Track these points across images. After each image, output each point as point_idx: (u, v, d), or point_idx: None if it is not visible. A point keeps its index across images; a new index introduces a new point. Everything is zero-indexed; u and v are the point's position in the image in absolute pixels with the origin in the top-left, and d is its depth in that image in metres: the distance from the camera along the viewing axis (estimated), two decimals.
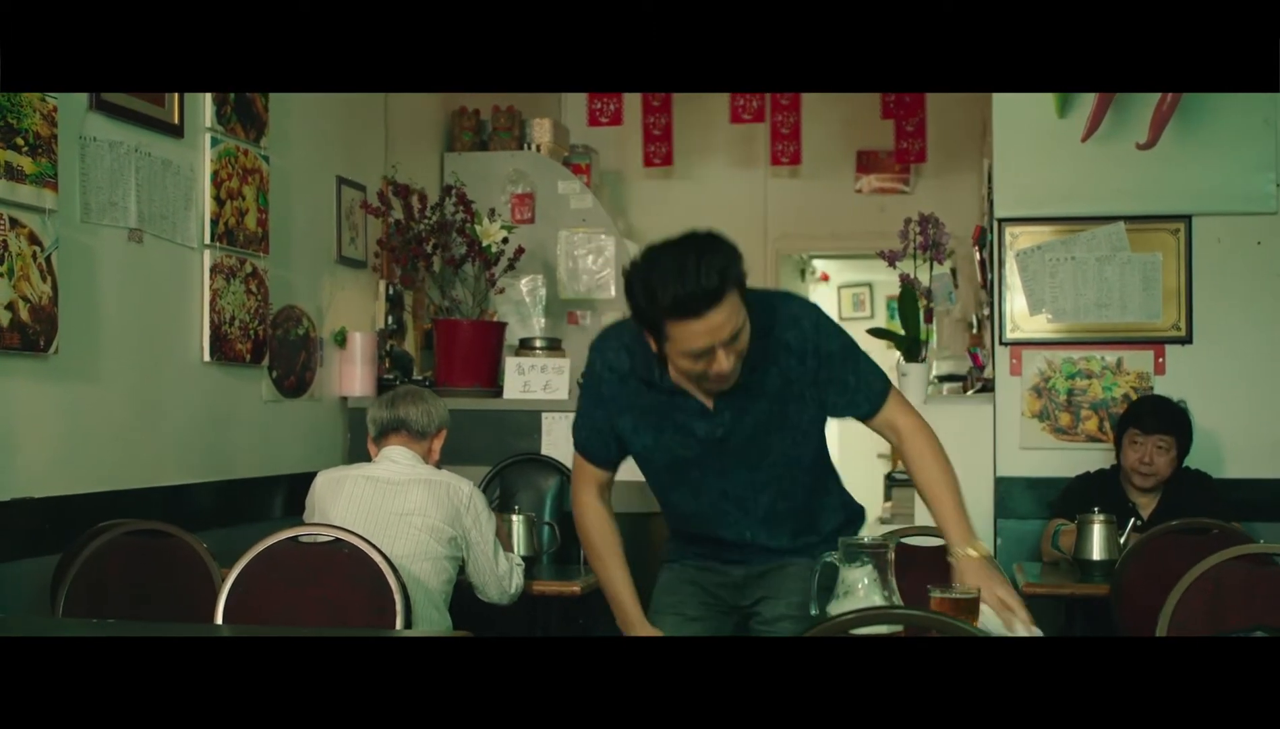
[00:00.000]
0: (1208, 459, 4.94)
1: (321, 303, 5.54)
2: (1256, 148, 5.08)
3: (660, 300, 2.75)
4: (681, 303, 2.73)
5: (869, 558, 2.81)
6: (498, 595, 4.11)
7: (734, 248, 2.84)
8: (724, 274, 2.75)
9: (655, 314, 2.79)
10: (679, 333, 2.79)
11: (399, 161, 6.06)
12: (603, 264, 6.75)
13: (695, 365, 2.85)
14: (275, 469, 5.20)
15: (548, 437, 5.45)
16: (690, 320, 2.75)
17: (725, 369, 2.85)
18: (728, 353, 2.82)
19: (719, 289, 2.74)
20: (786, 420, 3.05)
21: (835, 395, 3.06)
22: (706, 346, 2.79)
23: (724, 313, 2.76)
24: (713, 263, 2.75)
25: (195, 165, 4.62)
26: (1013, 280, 5.24)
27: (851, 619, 2.26)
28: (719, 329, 2.77)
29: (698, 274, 2.72)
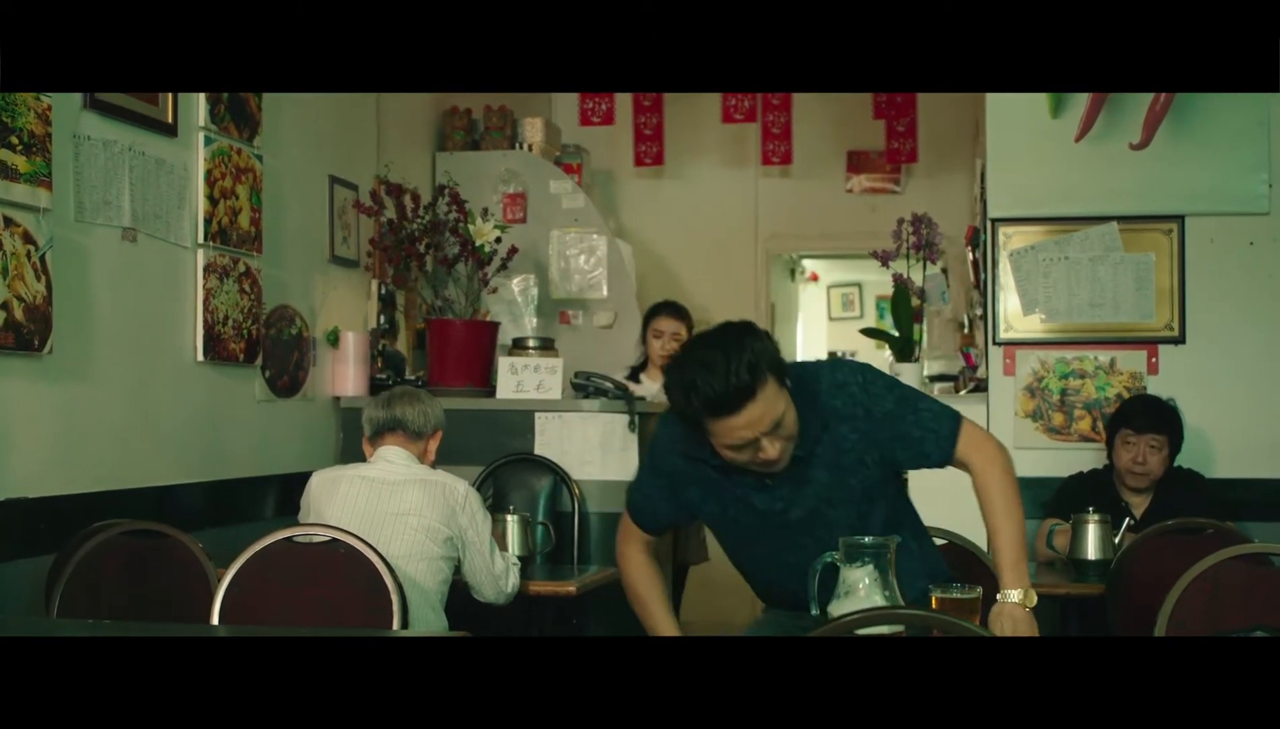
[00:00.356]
0: (1200, 459, 4.95)
1: (314, 302, 5.53)
2: (1249, 149, 5.09)
3: (694, 402, 2.80)
4: (714, 404, 2.78)
5: (870, 558, 2.81)
6: (494, 595, 4.10)
7: (767, 339, 2.87)
8: (754, 370, 2.77)
9: (693, 414, 2.83)
10: (719, 429, 2.82)
11: (390, 161, 6.05)
12: (595, 264, 6.74)
13: (741, 456, 2.87)
14: (268, 469, 5.19)
15: (541, 437, 5.43)
16: (727, 418, 2.79)
17: (772, 456, 2.87)
18: (773, 441, 2.85)
19: (750, 386, 2.76)
20: (848, 490, 3.01)
21: (902, 451, 3.03)
22: (748, 440, 2.83)
23: (760, 406, 2.79)
24: (742, 359, 2.77)
25: (189, 164, 4.61)
26: (1006, 280, 5.25)
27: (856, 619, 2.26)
28: (758, 422, 2.80)
29: (727, 374, 2.75)
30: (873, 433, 2.99)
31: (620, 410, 5.42)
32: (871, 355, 11.62)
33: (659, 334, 6.37)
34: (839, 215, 8.41)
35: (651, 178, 8.35)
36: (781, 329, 9.22)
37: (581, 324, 6.74)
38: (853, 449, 2.98)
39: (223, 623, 3.44)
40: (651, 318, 6.45)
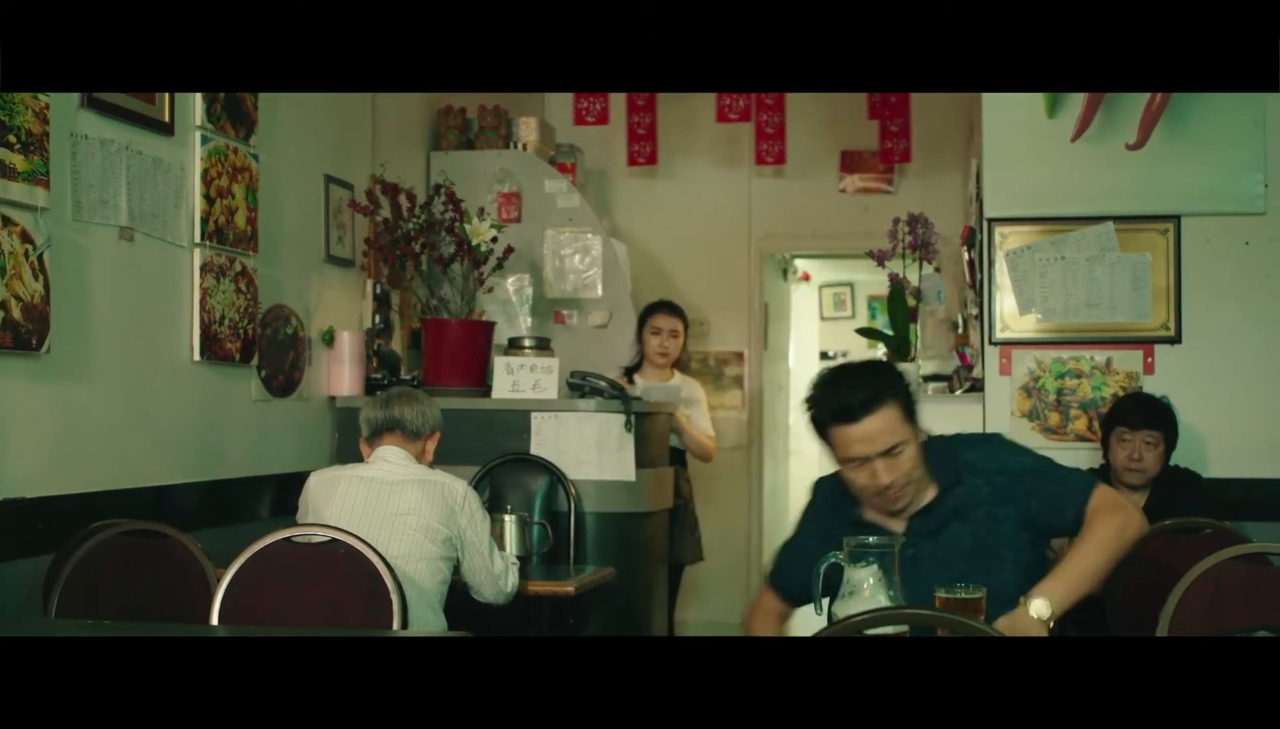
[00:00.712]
0: (1196, 458, 4.96)
1: (309, 302, 5.52)
2: (1245, 149, 5.09)
3: (821, 407, 3.04)
4: (836, 411, 3.00)
5: (874, 558, 2.81)
6: (493, 595, 4.10)
7: (896, 372, 3.15)
8: (877, 389, 2.99)
9: (819, 422, 3.06)
10: (838, 439, 3.02)
11: (385, 160, 6.04)
12: (589, 263, 6.73)
13: (858, 477, 3.03)
14: (263, 469, 5.18)
15: (537, 436, 5.43)
16: (845, 426, 2.98)
17: (883, 482, 2.99)
18: (887, 466, 2.99)
19: (871, 400, 2.97)
20: (977, 543, 3.06)
21: (1038, 504, 3.07)
22: (862, 455, 3.00)
23: (878, 423, 2.97)
24: (869, 379, 3.04)
25: (185, 163, 4.60)
26: (1002, 280, 5.24)
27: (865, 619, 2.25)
28: (873, 439, 2.98)
29: (854, 386, 3.01)
30: (1007, 487, 3.08)
31: (617, 410, 5.42)
32: (863, 354, 11.64)
33: (656, 331, 6.42)
34: (832, 215, 8.41)
35: (645, 177, 8.35)
36: (774, 329, 9.21)
37: (576, 324, 6.73)
38: (985, 501, 3.07)
39: (222, 623, 3.44)
40: (648, 316, 6.48)
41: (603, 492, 5.39)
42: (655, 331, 6.43)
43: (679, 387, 6.29)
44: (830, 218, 8.41)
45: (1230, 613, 3.12)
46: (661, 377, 6.42)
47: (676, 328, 6.46)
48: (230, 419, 4.96)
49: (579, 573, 4.81)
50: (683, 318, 6.54)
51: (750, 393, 8.52)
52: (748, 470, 8.51)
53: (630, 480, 5.42)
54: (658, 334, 6.42)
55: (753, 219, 8.48)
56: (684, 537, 6.33)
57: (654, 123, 8.10)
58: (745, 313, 8.51)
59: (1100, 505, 3.04)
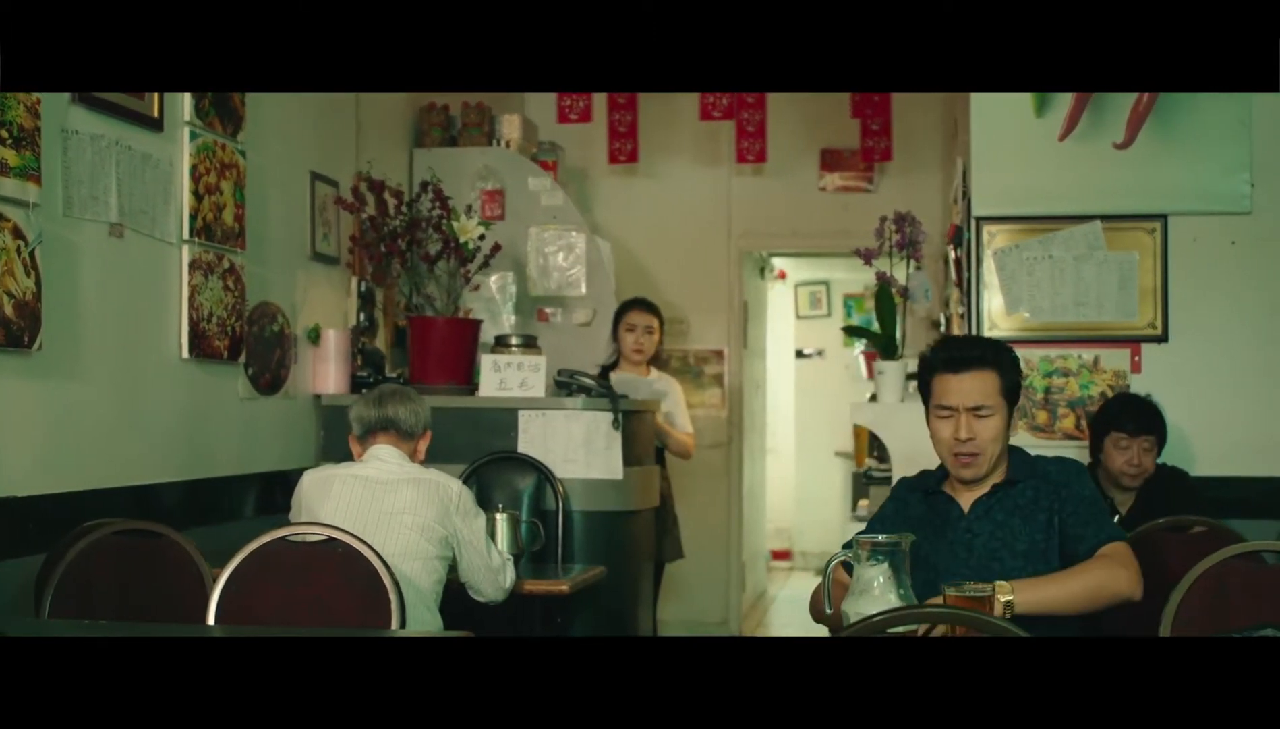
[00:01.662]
0: (1182, 457, 4.97)
1: (295, 299, 5.49)
2: (1232, 148, 5.11)
3: (938, 354, 3.35)
4: (948, 360, 3.29)
5: (884, 556, 2.81)
6: (493, 592, 4.08)
7: (1012, 353, 3.37)
8: (986, 353, 3.30)
9: (929, 367, 3.34)
10: (938, 387, 3.30)
11: (368, 157, 6.01)
12: (573, 261, 6.71)
13: (943, 428, 3.28)
14: (250, 468, 5.15)
15: (524, 435, 5.41)
16: (947, 375, 3.27)
17: (961, 435, 3.24)
18: (971, 422, 3.24)
19: (978, 358, 3.27)
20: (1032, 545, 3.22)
21: (1071, 525, 3.22)
22: (953, 405, 3.25)
23: (975, 382, 3.25)
24: (983, 344, 3.41)
25: (174, 159, 4.57)
26: (990, 279, 5.25)
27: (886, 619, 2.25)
28: (969, 393, 3.24)
29: (971, 344, 3.43)
30: (1060, 501, 3.26)
31: (604, 408, 5.41)
32: (839, 353, 11.68)
33: (631, 328, 6.42)
34: (812, 213, 8.42)
35: (625, 176, 8.34)
36: (752, 327, 9.22)
37: (560, 322, 6.71)
38: (1046, 509, 3.25)
39: (219, 623, 3.41)
40: (623, 314, 6.51)
41: (590, 490, 5.38)
42: (630, 329, 6.43)
43: (652, 381, 6.27)
44: (810, 216, 8.41)
45: (1233, 612, 3.14)
46: (638, 373, 6.40)
47: (652, 324, 6.46)
48: (218, 417, 4.93)
49: (568, 571, 4.80)
50: (658, 314, 6.53)
51: (730, 391, 8.52)
52: (727, 469, 8.51)
53: (618, 479, 5.42)
54: (633, 331, 6.42)
55: (732, 217, 8.48)
56: (665, 535, 6.32)
57: (635, 121, 8.08)
58: (725, 311, 8.51)
59: (1111, 553, 3.16)
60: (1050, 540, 3.20)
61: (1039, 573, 3.12)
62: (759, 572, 10.04)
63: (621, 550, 5.45)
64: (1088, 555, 3.15)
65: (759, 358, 9.81)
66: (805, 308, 11.85)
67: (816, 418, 11.62)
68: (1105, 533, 3.19)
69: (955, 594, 2.77)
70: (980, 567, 3.13)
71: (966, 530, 3.24)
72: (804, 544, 11.81)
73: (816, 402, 11.64)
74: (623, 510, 5.48)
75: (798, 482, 11.73)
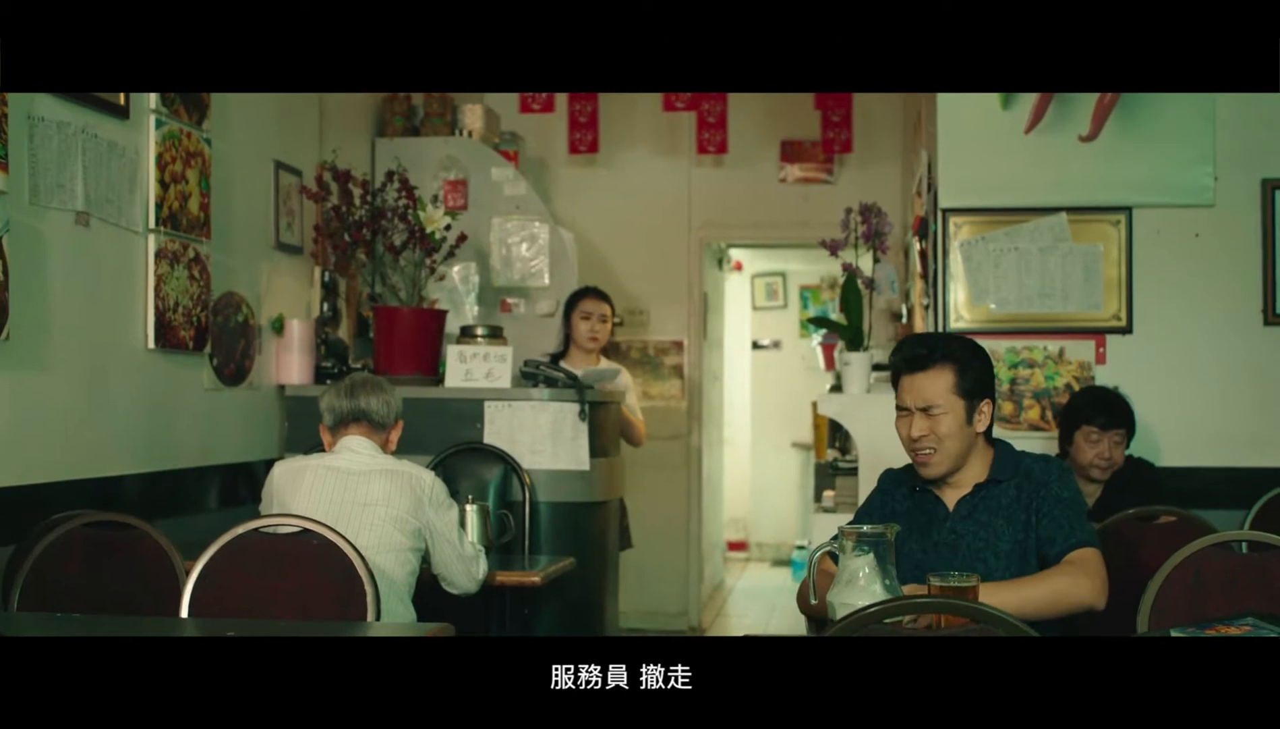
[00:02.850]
0: (1146, 447, 5.01)
1: (260, 289, 5.44)
2: (1195, 141, 5.16)
3: (896, 354, 3.38)
4: (902, 359, 3.32)
5: (869, 547, 2.81)
6: (466, 582, 4.06)
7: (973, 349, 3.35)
8: (936, 351, 3.28)
9: (893, 368, 3.36)
10: (900, 387, 3.32)
11: (333, 147, 5.97)
12: (536, 252, 6.69)
13: (900, 426, 3.31)
14: (213, 459, 5.11)
15: (490, 426, 5.39)
16: (905, 375, 3.29)
17: (913, 434, 3.26)
18: (921, 421, 3.25)
19: (926, 358, 3.26)
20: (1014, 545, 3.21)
21: (1044, 527, 3.21)
22: (906, 405, 3.28)
23: (927, 380, 3.25)
24: (937, 343, 3.35)
25: (140, 147, 4.52)
26: (956, 270, 5.28)
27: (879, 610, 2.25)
28: (917, 393, 3.25)
29: (919, 343, 3.39)
30: (1039, 502, 3.24)
31: (571, 399, 5.39)
32: (795, 344, 11.71)
33: (586, 317, 6.28)
34: (772, 204, 8.41)
35: (585, 166, 8.31)
36: (711, 319, 9.22)
37: (523, 312, 6.69)
38: (1024, 508, 3.24)
39: (193, 616, 3.38)
40: (577, 301, 6.36)
41: (556, 481, 5.37)
42: (585, 317, 6.29)
43: (617, 370, 6.24)
44: (770, 207, 8.41)
45: (1210, 601, 3.16)
46: (590, 362, 6.26)
47: (605, 313, 6.34)
48: (182, 408, 4.88)
49: (535, 563, 4.78)
50: (610, 303, 6.42)
51: (689, 382, 8.52)
52: (686, 460, 8.51)
53: (585, 469, 5.41)
54: (587, 319, 6.28)
55: (692, 208, 8.47)
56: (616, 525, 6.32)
57: (595, 111, 8.07)
58: (685, 302, 8.50)
59: (1079, 560, 3.14)
60: (1030, 540, 3.20)
61: (1021, 573, 3.13)
62: (716, 562, 10.05)
63: (588, 541, 5.44)
64: (1056, 559, 3.14)
65: (716, 349, 9.82)
66: (762, 299, 11.86)
67: (772, 409, 11.64)
68: (1075, 537, 3.16)
69: (940, 584, 2.78)
70: (965, 566, 3.12)
71: (951, 530, 3.24)
72: (760, 535, 11.83)
73: (773, 393, 11.66)
74: (589, 501, 5.47)
75: (753, 473, 11.74)
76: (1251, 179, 5.17)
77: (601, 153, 8.20)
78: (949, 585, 2.78)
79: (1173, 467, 5.04)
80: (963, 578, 2.81)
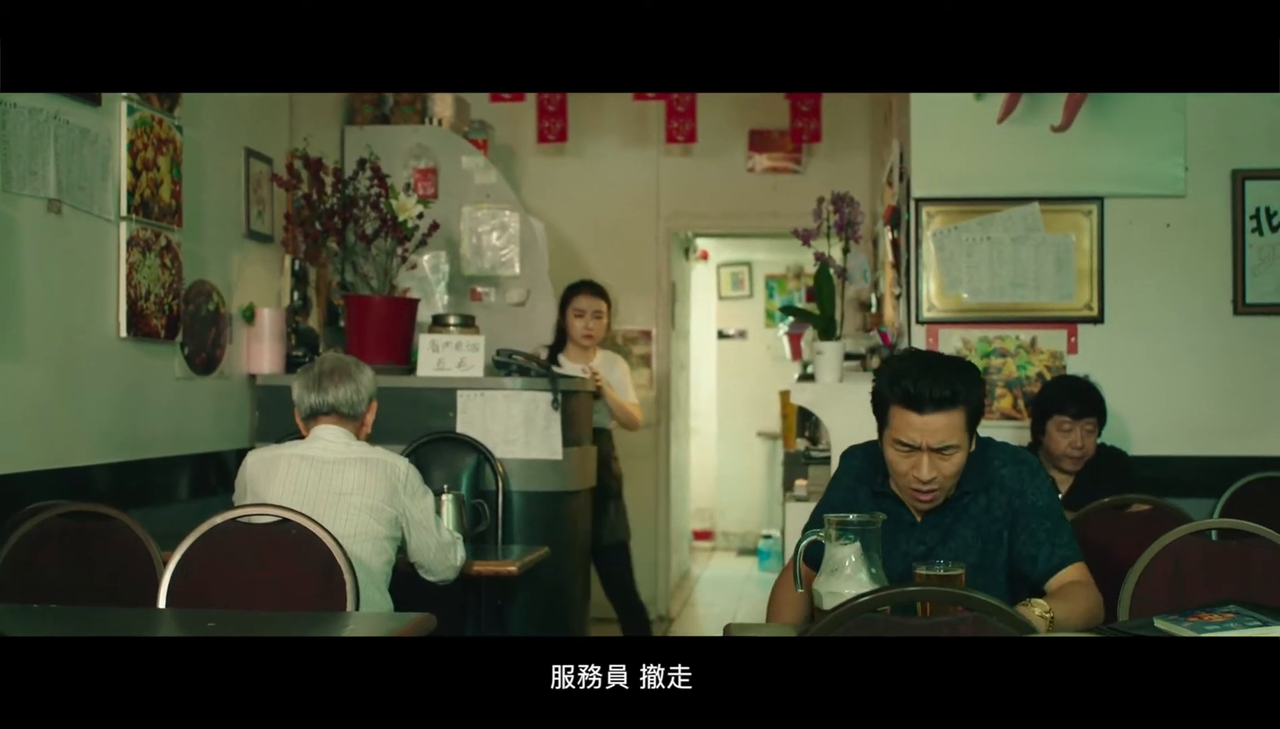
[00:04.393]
0: (1118, 436, 5.04)
1: (231, 278, 5.41)
2: (1166, 132, 5.19)
3: (898, 385, 3.01)
4: (912, 397, 2.99)
5: (855, 535, 2.82)
6: (444, 570, 4.04)
7: (979, 380, 3.12)
8: (957, 392, 3.00)
9: (887, 396, 3.05)
10: (899, 422, 3.02)
11: (304, 135, 5.93)
12: (507, 241, 6.67)
13: (901, 460, 3.04)
14: (184, 449, 5.07)
15: (463, 415, 5.38)
16: (912, 413, 2.99)
17: (924, 477, 3.02)
18: (933, 463, 3.01)
19: (948, 399, 2.98)
20: (983, 557, 3.09)
21: (1022, 542, 3.10)
22: (915, 444, 3.01)
23: (943, 421, 2.99)
24: (957, 380, 3.02)
25: (112, 134, 4.48)
26: (929, 259, 5.29)
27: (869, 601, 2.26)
28: (933, 434, 2.99)
29: (937, 380, 2.99)
30: (1016, 513, 3.11)
31: (543, 389, 5.38)
32: (761, 334, 11.72)
33: (580, 314, 6.23)
34: (740, 194, 8.42)
35: (554, 155, 8.29)
36: (677, 308, 9.22)
37: (493, 301, 6.67)
38: (999, 520, 3.11)
39: (170, 607, 3.36)
40: (571, 297, 6.30)
41: (530, 471, 5.36)
42: (579, 314, 6.23)
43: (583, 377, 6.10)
44: (738, 197, 8.41)
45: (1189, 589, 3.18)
46: (586, 358, 6.23)
47: (600, 308, 6.27)
48: (154, 398, 4.85)
49: (508, 552, 4.76)
50: (606, 298, 6.35)
51: (658, 372, 8.52)
52: (655, 449, 8.51)
53: (557, 459, 5.40)
54: (581, 316, 6.23)
55: (661, 198, 8.46)
56: (621, 516, 6.32)
57: (564, 100, 8.05)
58: (653, 291, 8.50)
59: (1084, 580, 3.06)
60: (999, 553, 3.10)
61: (987, 587, 2.94)
62: (683, 552, 10.06)
63: (560, 531, 5.43)
64: (1041, 578, 3.05)
65: (683, 339, 9.82)
66: (727, 289, 11.87)
67: (738, 398, 11.65)
68: (1059, 555, 3.07)
69: (927, 573, 2.79)
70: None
71: (920, 542, 3.11)
72: (726, 524, 11.85)
73: (738, 383, 11.67)
74: (562, 491, 5.46)
75: (719, 462, 11.76)
76: (1222, 170, 5.21)
77: (570, 142, 8.18)
78: (935, 574, 2.79)
79: (1144, 455, 5.07)
80: (950, 567, 2.82)
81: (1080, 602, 2.96)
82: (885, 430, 3.08)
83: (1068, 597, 2.97)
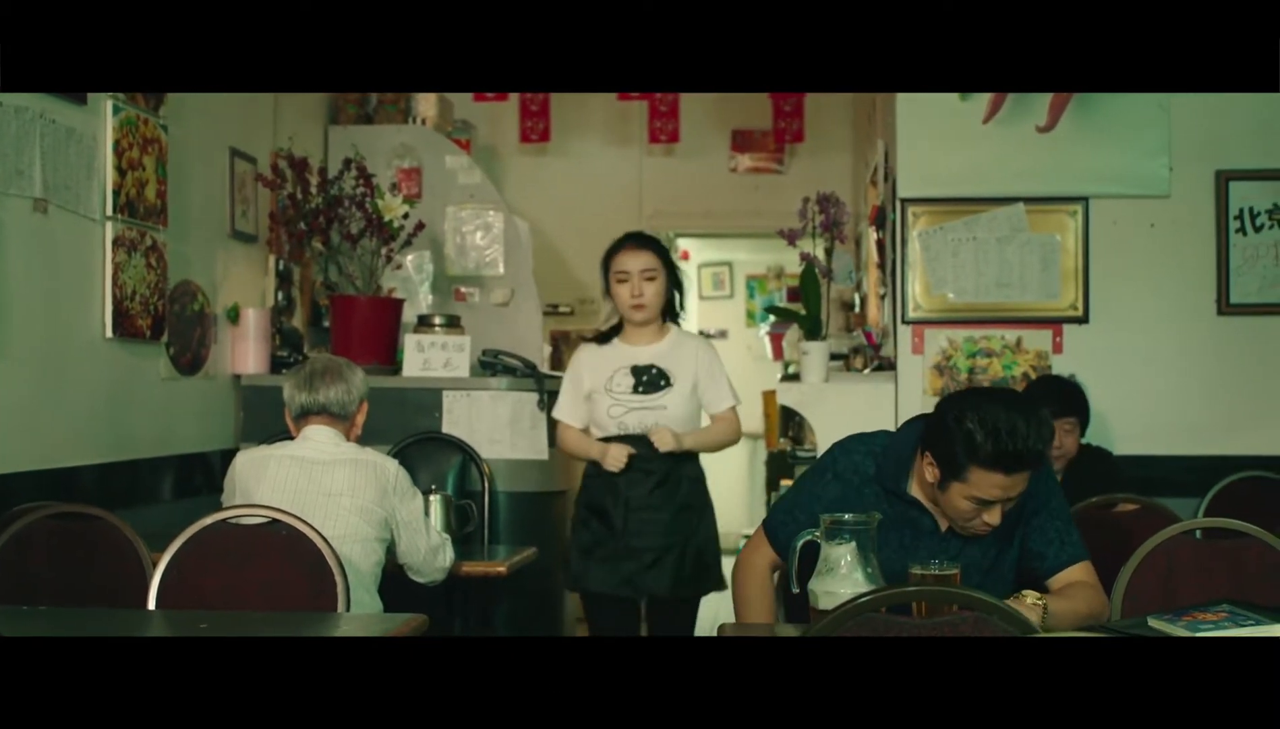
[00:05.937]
0: (1104, 437, 5.06)
1: (215, 278, 5.39)
2: (1151, 132, 5.21)
3: (983, 447, 2.81)
4: (1002, 458, 2.81)
5: (850, 535, 2.82)
6: (432, 572, 4.03)
7: (1050, 423, 2.92)
8: (1044, 448, 2.85)
9: (969, 457, 2.83)
10: (980, 480, 2.85)
11: (288, 134, 5.91)
12: (491, 241, 6.65)
13: (968, 509, 2.91)
14: (169, 449, 5.04)
15: (449, 415, 5.37)
16: (998, 474, 2.83)
17: (993, 524, 2.92)
18: (1004, 510, 2.91)
19: (1038, 458, 2.86)
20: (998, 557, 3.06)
21: (1033, 540, 3.07)
22: (995, 500, 2.87)
23: (1024, 478, 2.86)
24: (1043, 434, 2.83)
25: (98, 133, 4.45)
26: (914, 260, 5.30)
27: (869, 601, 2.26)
28: (1012, 489, 2.86)
29: (1028, 437, 2.80)
30: (1031, 513, 3.07)
31: (529, 389, 5.38)
32: (742, 334, 11.72)
33: (624, 277, 4.57)
34: (722, 194, 8.45)
35: (536, 155, 8.29)
36: None
37: (478, 301, 6.65)
38: (1014, 521, 3.04)
39: (160, 607, 3.34)
40: (612, 256, 4.67)
41: (516, 471, 5.36)
42: (622, 277, 4.58)
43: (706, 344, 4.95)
44: (721, 197, 8.44)
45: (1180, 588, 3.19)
46: (648, 337, 4.66)
47: (651, 266, 4.58)
48: (139, 398, 4.82)
49: (494, 553, 4.75)
50: (658, 250, 4.67)
51: None
52: None
53: (543, 459, 5.40)
54: (626, 280, 4.56)
55: (643, 197, 8.48)
56: None
57: (547, 99, 8.05)
58: None
59: (1090, 581, 3.05)
60: (1010, 552, 3.08)
61: (994, 588, 2.87)
62: None
63: (546, 532, 5.42)
64: (1047, 574, 3.04)
65: None
66: (708, 288, 11.87)
67: None
68: (1067, 553, 3.05)
69: (922, 572, 2.79)
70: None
71: (942, 549, 3.02)
72: None
73: None
74: (547, 491, 5.46)
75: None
76: (1205, 170, 5.23)
77: (553, 142, 8.19)
78: (930, 573, 2.79)
79: (1129, 455, 5.08)
80: (945, 566, 2.82)
81: (1081, 600, 2.97)
82: (954, 482, 2.90)
83: (1069, 594, 2.98)
